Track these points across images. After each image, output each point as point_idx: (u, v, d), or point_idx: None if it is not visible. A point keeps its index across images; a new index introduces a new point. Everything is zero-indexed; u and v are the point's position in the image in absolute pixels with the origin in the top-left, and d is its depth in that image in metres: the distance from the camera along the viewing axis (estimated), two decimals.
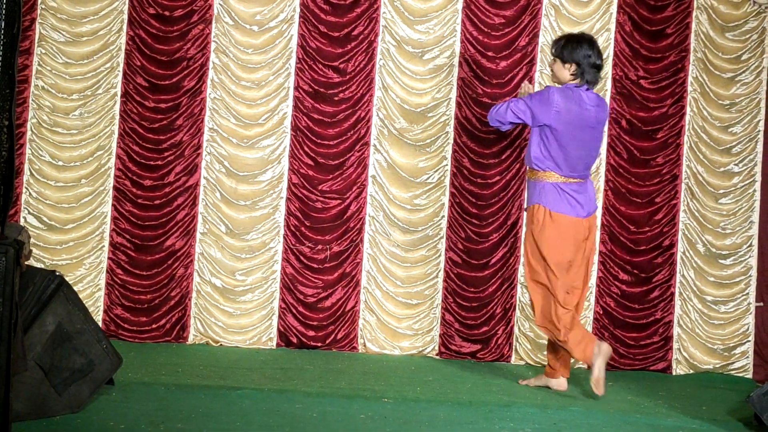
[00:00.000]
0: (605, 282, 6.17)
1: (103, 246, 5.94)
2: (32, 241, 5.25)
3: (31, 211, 5.88)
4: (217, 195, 6.01)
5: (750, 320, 6.24)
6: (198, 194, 6.01)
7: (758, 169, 6.25)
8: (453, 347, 6.09)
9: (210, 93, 6.01)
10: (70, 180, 5.92)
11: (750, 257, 6.25)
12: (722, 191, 6.25)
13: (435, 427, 4.28)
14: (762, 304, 6.23)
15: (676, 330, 6.20)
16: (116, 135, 5.96)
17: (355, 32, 6.05)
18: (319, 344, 6.04)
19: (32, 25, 5.84)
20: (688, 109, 6.22)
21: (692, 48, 6.21)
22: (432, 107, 6.10)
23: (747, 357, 6.24)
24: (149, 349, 5.70)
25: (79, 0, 5.91)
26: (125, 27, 5.94)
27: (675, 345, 6.20)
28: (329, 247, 6.03)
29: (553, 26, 6.14)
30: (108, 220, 5.95)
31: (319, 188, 6.03)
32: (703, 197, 6.23)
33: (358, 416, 4.36)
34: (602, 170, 6.19)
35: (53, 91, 5.89)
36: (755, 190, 6.26)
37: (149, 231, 5.96)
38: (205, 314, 5.98)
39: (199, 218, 6.01)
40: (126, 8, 5.93)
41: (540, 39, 6.13)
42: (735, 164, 6.26)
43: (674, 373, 6.17)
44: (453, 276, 6.10)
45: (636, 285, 6.20)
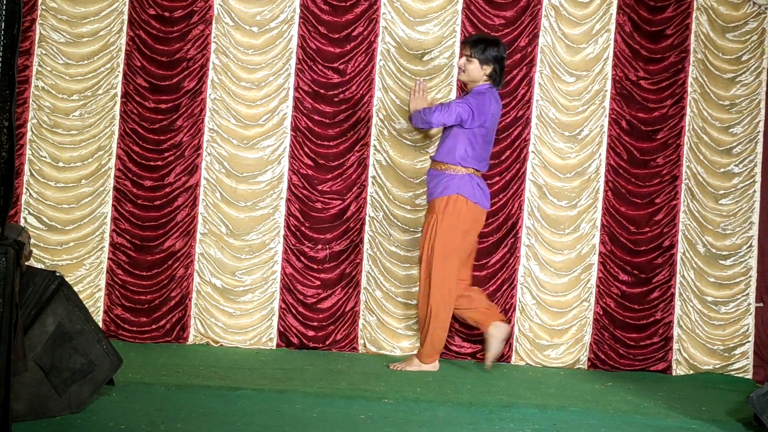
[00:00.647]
0: (605, 282, 6.18)
1: (104, 246, 5.94)
2: (32, 242, 5.25)
3: (32, 212, 5.88)
4: (218, 195, 6.01)
5: (750, 321, 6.24)
6: (198, 195, 6.01)
7: (758, 170, 6.25)
8: (453, 347, 6.09)
9: (210, 93, 6.01)
10: (71, 180, 5.92)
11: (750, 258, 6.25)
12: (722, 192, 6.25)
13: (435, 428, 4.28)
14: (762, 305, 6.23)
15: (676, 330, 6.20)
16: (116, 135, 5.96)
17: (355, 33, 6.05)
18: (320, 345, 6.04)
19: (32, 26, 5.84)
20: (688, 110, 6.23)
21: (692, 49, 6.22)
22: None
23: (747, 357, 6.24)
24: (149, 350, 5.70)
25: (80, 1, 5.91)
26: (125, 28, 5.94)
27: (675, 345, 6.20)
28: (329, 247, 6.04)
29: (553, 27, 6.15)
30: (108, 221, 5.95)
31: (319, 188, 6.03)
32: (703, 198, 6.23)
33: (359, 417, 4.37)
34: (602, 171, 6.19)
35: (53, 92, 5.89)
36: (755, 191, 6.26)
37: (149, 231, 5.96)
38: (206, 314, 5.98)
39: (200, 219, 6.01)
40: (126, 9, 5.93)
41: (540, 40, 6.14)
42: (735, 165, 6.26)
43: (674, 374, 6.17)
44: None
45: (636, 285, 6.20)
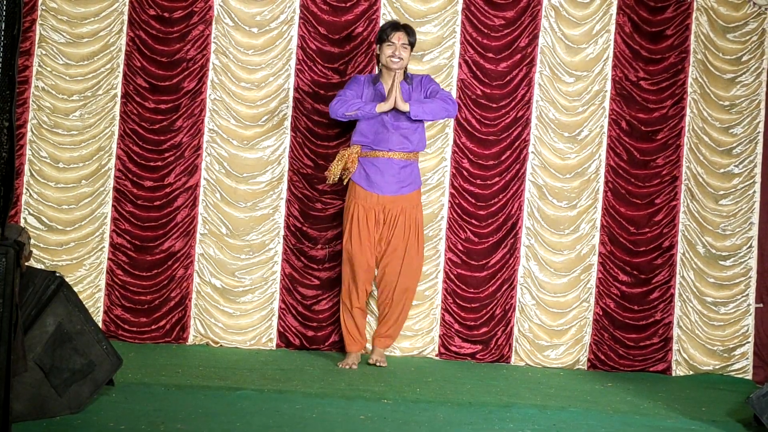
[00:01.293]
0: (605, 283, 6.18)
1: (104, 247, 5.94)
2: (32, 242, 5.25)
3: (32, 212, 5.88)
4: (217, 196, 6.02)
5: (750, 321, 6.24)
6: (198, 195, 6.01)
7: (758, 171, 6.26)
8: (453, 348, 6.09)
9: (210, 94, 6.01)
10: (71, 181, 5.92)
11: (750, 258, 6.25)
12: (722, 192, 6.25)
13: (435, 428, 4.28)
14: (762, 306, 6.23)
15: (676, 331, 6.21)
16: (116, 136, 5.96)
17: (355, 33, 6.06)
18: (319, 345, 6.04)
19: (32, 26, 5.85)
20: (688, 111, 6.23)
21: (692, 49, 6.22)
22: None
23: (747, 358, 6.24)
24: (149, 350, 5.70)
25: (80, 1, 5.91)
26: (125, 28, 5.94)
27: (675, 346, 6.20)
28: (329, 247, 6.04)
29: (553, 27, 6.15)
30: (108, 221, 5.95)
31: (319, 188, 6.03)
32: (703, 198, 6.23)
33: (358, 417, 4.37)
34: (602, 171, 6.19)
35: (53, 92, 5.89)
36: (755, 192, 6.26)
37: (149, 232, 5.96)
38: (205, 315, 5.99)
39: (199, 219, 6.01)
40: (126, 9, 5.94)
41: (540, 40, 6.14)
42: (735, 165, 6.26)
43: (674, 374, 6.17)
44: (453, 277, 6.10)
45: (636, 286, 6.20)
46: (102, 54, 5.93)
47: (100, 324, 5.83)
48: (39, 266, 5.57)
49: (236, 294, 6.01)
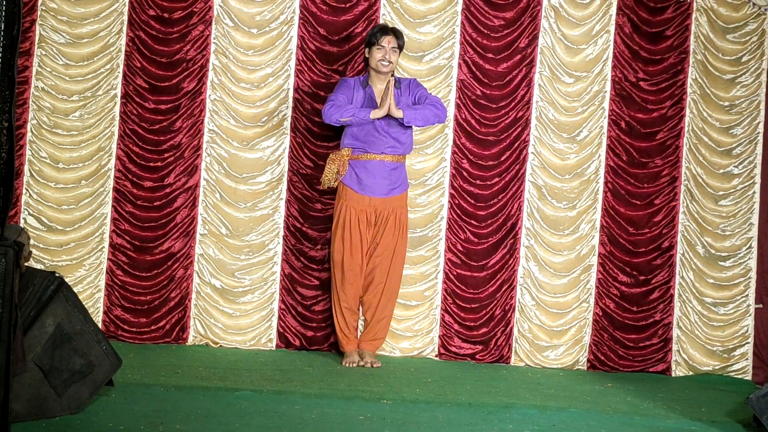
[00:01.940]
0: (604, 283, 6.18)
1: (103, 247, 5.94)
2: (32, 242, 5.26)
3: (31, 212, 5.88)
4: (217, 196, 6.01)
5: (749, 322, 6.24)
6: (198, 195, 6.01)
7: (758, 171, 6.26)
8: (452, 348, 6.09)
9: (210, 94, 6.01)
10: (70, 181, 5.92)
11: (749, 259, 6.25)
12: (722, 193, 6.25)
13: (434, 429, 4.28)
14: (761, 306, 6.23)
15: (676, 331, 6.21)
16: (116, 136, 5.96)
17: (355, 34, 6.06)
18: (319, 346, 6.04)
19: (32, 27, 5.85)
20: (688, 111, 6.23)
21: (692, 50, 6.22)
22: None
23: (746, 359, 6.24)
24: (149, 351, 5.70)
25: (79, 1, 5.91)
26: (125, 28, 5.94)
27: (674, 346, 6.20)
28: (328, 248, 6.03)
29: (553, 28, 6.15)
30: (108, 221, 5.95)
31: (319, 189, 6.03)
32: (703, 199, 6.23)
33: (357, 417, 4.37)
34: (601, 171, 6.19)
35: (53, 93, 5.89)
36: (755, 192, 6.26)
37: (149, 232, 5.96)
38: (205, 315, 5.98)
39: (199, 219, 6.01)
40: (126, 10, 5.93)
41: (540, 41, 6.14)
42: (734, 166, 6.26)
43: (674, 375, 6.17)
44: (452, 277, 6.10)
45: (635, 286, 6.20)
46: (102, 54, 5.93)
47: (100, 324, 5.83)
48: (38, 266, 5.57)
49: (236, 294, 6.01)
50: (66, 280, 4.14)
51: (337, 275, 5.69)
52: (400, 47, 5.66)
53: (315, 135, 6.04)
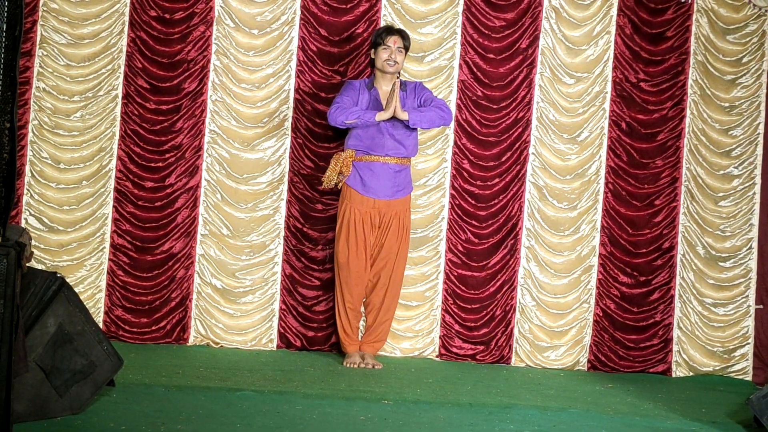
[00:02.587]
0: (605, 284, 6.18)
1: (104, 247, 5.95)
2: (33, 243, 5.26)
3: (33, 213, 5.88)
4: (218, 196, 6.02)
5: (750, 323, 6.25)
6: (199, 196, 6.01)
7: (758, 172, 6.26)
8: (453, 349, 6.10)
9: (211, 95, 6.01)
10: (72, 181, 5.93)
11: (750, 260, 6.26)
12: (722, 194, 6.26)
13: (435, 429, 4.28)
14: (762, 307, 6.24)
15: (676, 332, 6.21)
16: (117, 137, 5.96)
17: (356, 34, 6.06)
18: (320, 346, 6.04)
19: (33, 27, 5.85)
20: (688, 112, 6.23)
21: (692, 51, 6.22)
22: None
23: (747, 359, 6.24)
24: (150, 351, 5.71)
25: (81, 2, 5.91)
26: (126, 29, 5.94)
27: (675, 347, 6.21)
28: (329, 249, 6.04)
29: (554, 29, 6.15)
30: (109, 222, 5.95)
31: (320, 190, 6.04)
32: (703, 200, 6.24)
33: (358, 418, 4.37)
34: (602, 172, 6.20)
35: (54, 93, 5.90)
36: (755, 193, 6.27)
37: (150, 232, 5.97)
38: (206, 316, 5.99)
39: (200, 220, 6.01)
40: (127, 10, 5.94)
41: (540, 42, 6.14)
42: (735, 167, 6.27)
43: (674, 376, 6.18)
44: (453, 277, 6.11)
45: (636, 287, 6.20)
46: (103, 55, 5.93)
47: (101, 325, 5.83)
48: (40, 267, 5.57)
49: (237, 295, 6.02)
50: (67, 281, 4.15)
51: (342, 276, 5.68)
52: (406, 48, 5.65)
53: (316, 136, 6.05)
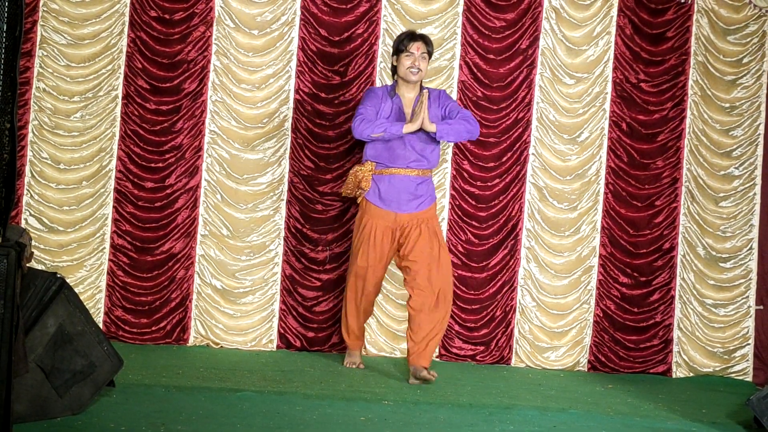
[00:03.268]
0: (605, 285, 6.18)
1: (104, 248, 5.95)
2: (33, 243, 5.26)
3: (33, 213, 5.88)
4: (218, 197, 6.02)
5: (750, 323, 6.25)
6: (199, 196, 6.01)
7: (758, 173, 6.26)
8: (453, 349, 6.10)
9: (211, 95, 6.01)
10: (72, 182, 5.93)
11: (750, 260, 6.26)
12: (722, 194, 6.26)
13: (435, 430, 4.28)
14: (762, 308, 6.24)
15: (676, 333, 6.21)
16: (117, 137, 5.96)
17: (356, 35, 6.06)
18: (320, 347, 6.04)
19: (34, 28, 5.85)
20: (689, 112, 6.23)
21: (693, 51, 6.23)
22: None
23: (747, 360, 6.24)
24: (150, 351, 5.71)
25: (81, 2, 5.92)
26: (126, 29, 5.94)
27: (675, 348, 6.21)
28: (329, 249, 6.04)
29: (554, 29, 6.16)
30: (109, 222, 5.95)
31: (320, 190, 6.04)
32: (704, 200, 6.24)
33: (359, 418, 4.37)
34: (602, 173, 6.20)
35: (54, 94, 5.90)
36: (755, 194, 6.27)
37: (150, 233, 5.97)
38: (206, 316, 5.99)
39: (200, 220, 6.01)
40: (127, 11, 5.94)
41: (541, 42, 6.14)
42: (735, 167, 6.27)
43: (674, 376, 6.18)
44: (453, 278, 6.10)
45: (636, 288, 6.20)
46: (103, 55, 5.93)
47: (101, 325, 5.83)
48: (40, 267, 5.57)
49: (237, 295, 6.02)
50: (67, 281, 4.15)
51: (359, 285, 5.48)
52: (430, 53, 5.41)
53: (316, 136, 6.05)
